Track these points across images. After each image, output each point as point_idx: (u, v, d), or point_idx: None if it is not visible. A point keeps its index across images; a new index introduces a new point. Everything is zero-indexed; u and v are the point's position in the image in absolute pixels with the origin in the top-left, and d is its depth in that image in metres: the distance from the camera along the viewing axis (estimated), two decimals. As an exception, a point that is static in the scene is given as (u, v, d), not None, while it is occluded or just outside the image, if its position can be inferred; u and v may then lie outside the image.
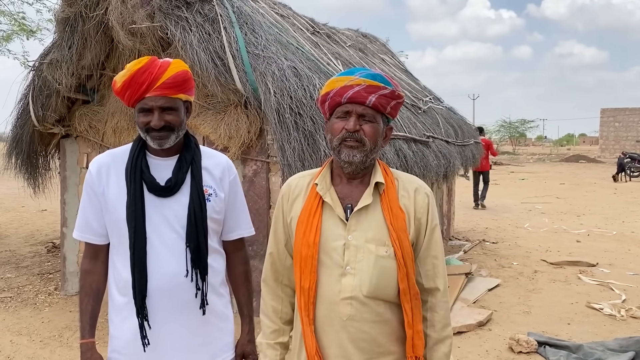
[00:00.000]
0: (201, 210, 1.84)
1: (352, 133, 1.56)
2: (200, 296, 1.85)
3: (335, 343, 1.58)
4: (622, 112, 38.03)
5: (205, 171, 1.92)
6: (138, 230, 1.80)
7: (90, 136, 5.61)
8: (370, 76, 1.59)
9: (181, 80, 1.81)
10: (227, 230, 2.01)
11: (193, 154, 1.90)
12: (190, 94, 1.88)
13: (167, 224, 1.83)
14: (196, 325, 1.87)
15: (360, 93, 1.56)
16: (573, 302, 5.60)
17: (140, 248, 1.80)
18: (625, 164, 21.61)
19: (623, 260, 7.42)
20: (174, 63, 1.82)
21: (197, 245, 1.83)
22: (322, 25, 7.32)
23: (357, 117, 1.57)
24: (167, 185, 1.84)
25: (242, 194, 2.07)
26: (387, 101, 1.59)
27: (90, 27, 4.95)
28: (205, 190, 1.88)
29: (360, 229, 1.59)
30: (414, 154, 5.35)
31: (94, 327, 1.92)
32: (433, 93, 9.04)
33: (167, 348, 1.84)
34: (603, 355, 4.07)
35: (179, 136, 1.86)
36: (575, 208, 12.87)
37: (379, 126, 1.60)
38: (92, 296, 1.91)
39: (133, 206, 1.80)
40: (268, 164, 4.76)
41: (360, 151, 1.57)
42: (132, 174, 1.83)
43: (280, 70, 4.36)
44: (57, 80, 5.17)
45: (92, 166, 1.92)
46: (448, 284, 1.72)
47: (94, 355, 1.88)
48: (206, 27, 4.52)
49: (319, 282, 1.59)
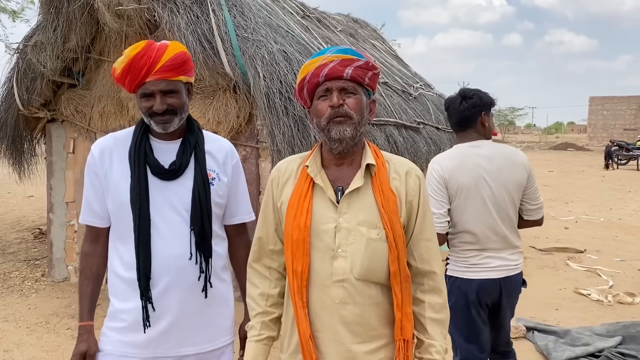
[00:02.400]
0: (205, 194, 1.84)
1: (337, 108, 1.55)
2: (203, 279, 1.85)
3: (328, 326, 1.57)
4: (610, 101, 38.27)
5: (209, 155, 1.91)
6: (142, 213, 1.79)
7: (77, 121, 5.51)
8: (342, 51, 1.58)
9: (180, 62, 1.79)
10: (229, 214, 2.01)
11: (197, 137, 1.89)
12: (190, 75, 1.86)
13: (171, 207, 1.83)
14: (197, 308, 1.87)
15: (336, 68, 1.55)
16: (561, 288, 5.64)
17: (145, 231, 1.80)
18: (613, 152, 21.81)
19: (610, 247, 7.49)
20: (171, 45, 1.80)
21: (202, 228, 1.83)
22: (312, 9, 7.24)
23: (339, 92, 1.56)
24: (171, 169, 1.83)
25: (244, 179, 2.06)
26: (364, 72, 1.57)
27: (75, 9, 4.84)
28: (209, 175, 1.88)
29: (352, 211, 1.57)
30: (404, 140, 5.34)
31: (93, 310, 1.92)
32: (424, 80, 9.00)
33: (166, 329, 1.83)
34: (590, 340, 4.11)
35: (182, 119, 1.85)
36: (563, 195, 12.96)
37: (362, 97, 1.59)
38: (91, 279, 1.91)
39: (137, 188, 1.80)
40: (257, 150, 4.71)
41: (349, 125, 1.55)
42: (135, 157, 1.82)
43: (269, 54, 4.30)
44: (42, 63, 5.07)
45: (95, 149, 1.90)
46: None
47: (90, 339, 1.87)
48: (194, 10, 4.44)
49: (311, 265, 1.57)
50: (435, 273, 1.64)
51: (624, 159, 22.13)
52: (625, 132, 36.21)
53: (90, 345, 1.87)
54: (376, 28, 10.16)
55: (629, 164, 22.06)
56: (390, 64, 8.00)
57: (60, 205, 5.77)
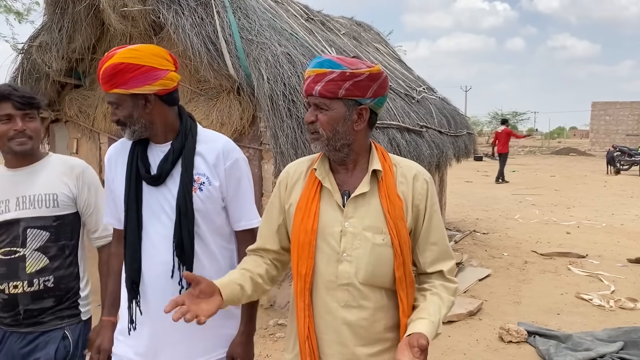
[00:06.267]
0: (186, 203, 1.77)
1: (309, 125, 1.57)
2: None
3: (332, 328, 1.57)
4: (612, 106, 38.18)
5: (200, 157, 1.83)
6: (130, 215, 1.80)
7: (80, 121, 5.54)
8: (319, 65, 1.56)
9: (108, 75, 1.71)
10: (234, 219, 1.93)
11: (184, 141, 1.82)
12: (127, 87, 1.72)
13: (163, 212, 1.82)
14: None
15: (310, 85, 1.55)
16: (563, 292, 5.63)
17: (133, 233, 1.80)
18: (615, 157, 21.76)
19: (612, 252, 7.47)
20: (114, 55, 1.71)
21: (181, 239, 1.77)
22: (316, 12, 7.25)
23: (315, 108, 1.57)
24: (153, 175, 1.81)
25: (245, 181, 1.93)
26: (337, 85, 1.52)
27: (80, 10, 4.87)
28: (198, 179, 1.81)
29: (357, 216, 1.57)
30: (407, 144, 5.34)
31: (115, 307, 1.97)
32: (427, 83, 9.00)
33: (161, 337, 1.83)
34: (592, 345, 4.10)
35: (135, 130, 1.79)
36: (565, 200, 12.94)
37: (335, 112, 1.55)
38: (112, 277, 1.99)
39: (127, 192, 1.82)
40: (260, 152, 4.72)
41: (320, 142, 1.57)
42: (129, 161, 1.84)
43: (273, 56, 4.31)
44: (46, 64, 5.09)
45: (106, 155, 1.97)
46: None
47: (105, 334, 1.94)
48: (199, 11, 4.45)
49: (316, 267, 1.58)
50: (443, 272, 1.64)
51: (627, 165, 22.08)
52: (628, 137, 36.12)
53: (104, 339, 1.93)
54: (380, 32, 10.16)
55: (631, 170, 22.02)
56: (393, 68, 8.01)
57: (63, 205, 5.77)
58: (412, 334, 1.43)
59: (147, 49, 1.75)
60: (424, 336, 1.40)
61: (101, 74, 1.73)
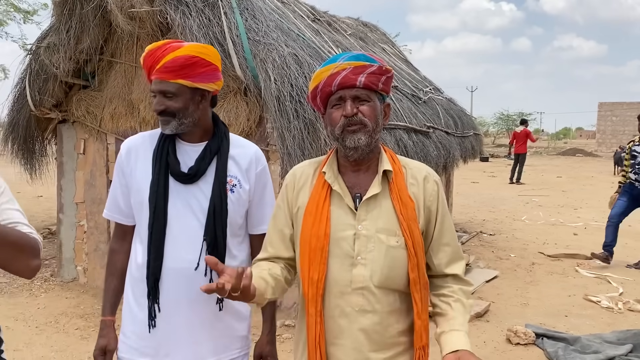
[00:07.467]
0: (221, 203, 1.81)
1: (351, 117, 1.53)
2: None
3: (347, 334, 1.55)
4: (619, 107, 37.98)
5: (232, 161, 1.88)
6: (158, 212, 1.79)
7: (88, 122, 5.54)
8: (354, 58, 1.56)
9: (179, 65, 1.73)
10: (254, 223, 1.96)
11: (220, 143, 1.86)
12: (195, 80, 1.77)
13: (190, 211, 1.82)
14: (208, 318, 1.84)
15: (349, 76, 1.53)
16: (570, 294, 5.60)
17: (158, 230, 1.79)
18: (622, 158, 21.66)
19: (620, 254, 7.42)
20: (184, 48, 1.75)
21: (215, 239, 1.80)
22: (322, 12, 7.25)
23: (352, 101, 1.54)
24: (188, 173, 1.81)
25: (271, 188, 2.00)
26: (377, 78, 1.55)
27: (88, 11, 4.88)
28: (230, 181, 1.85)
29: (370, 218, 1.55)
30: (414, 144, 5.32)
31: (115, 306, 1.95)
32: (433, 83, 8.97)
33: (173, 336, 1.82)
34: (600, 348, 4.07)
35: (183, 123, 1.80)
36: (572, 201, 12.88)
37: (375, 104, 1.57)
38: (115, 275, 1.95)
39: (155, 187, 1.80)
40: (267, 153, 4.71)
41: (363, 133, 1.53)
42: (158, 156, 1.83)
43: (281, 57, 4.31)
44: (54, 64, 5.10)
45: (123, 147, 1.93)
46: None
47: (110, 334, 1.90)
48: (206, 12, 4.45)
49: (328, 272, 1.55)
50: (456, 275, 1.63)
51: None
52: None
53: (110, 340, 1.90)
54: (386, 32, 10.15)
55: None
56: (400, 68, 7.99)
57: (70, 205, 5.80)
58: (462, 352, 1.45)
59: (212, 49, 1.84)
60: (474, 356, 1.43)
61: (167, 63, 1.73)
